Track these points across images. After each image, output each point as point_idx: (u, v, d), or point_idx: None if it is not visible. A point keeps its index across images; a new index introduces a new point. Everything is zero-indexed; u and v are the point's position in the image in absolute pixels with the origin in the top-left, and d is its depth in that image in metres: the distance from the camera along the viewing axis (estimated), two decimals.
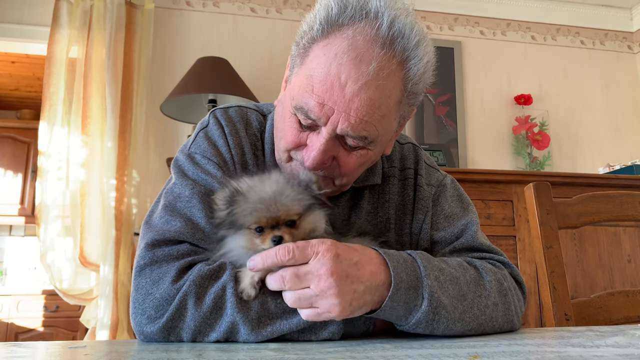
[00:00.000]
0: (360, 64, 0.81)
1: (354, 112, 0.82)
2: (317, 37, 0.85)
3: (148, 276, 0.81)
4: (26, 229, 5.03)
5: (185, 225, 0.85)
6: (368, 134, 0.85)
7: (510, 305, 0.88)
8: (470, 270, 0.85)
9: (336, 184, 0.94)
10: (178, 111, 2.96)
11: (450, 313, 0.77)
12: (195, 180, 0.91)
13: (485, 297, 0.83)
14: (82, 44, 3.01)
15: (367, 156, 0.91)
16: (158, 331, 0.77)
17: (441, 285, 0.78)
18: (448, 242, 0.99)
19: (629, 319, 1.28)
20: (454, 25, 3.67)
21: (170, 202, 0.89)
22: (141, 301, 0.79)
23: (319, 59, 0.84)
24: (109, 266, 2.78)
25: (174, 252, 0.82)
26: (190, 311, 0.77)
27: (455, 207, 1.04)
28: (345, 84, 0.81)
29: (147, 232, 0.87)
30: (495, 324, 0.84)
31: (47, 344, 0.83)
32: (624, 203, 1.35)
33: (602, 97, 3.76)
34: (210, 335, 0.77)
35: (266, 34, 3.38)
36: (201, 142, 0.97)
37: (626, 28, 3.92)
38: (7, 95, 5.24)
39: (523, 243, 2.68)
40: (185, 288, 0.77)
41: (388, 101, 0.85)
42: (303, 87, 0.86)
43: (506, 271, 0.93)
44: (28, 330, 4.17)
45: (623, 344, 0.67)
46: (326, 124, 0.84)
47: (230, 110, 1.01)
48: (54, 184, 2.88)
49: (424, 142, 3.39)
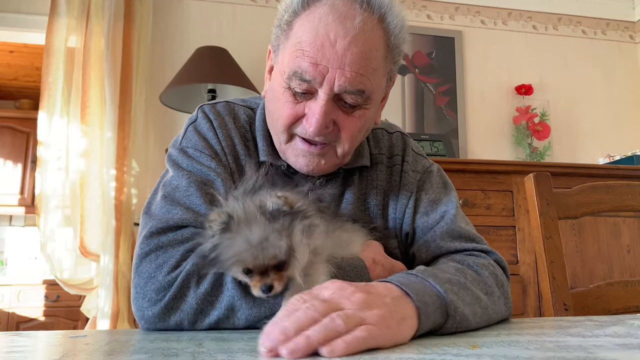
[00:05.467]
0: (345, 21, 0.85)
1: (348, 66, 0.85)
2: (298, 10, 0.89)
3: (153, 261, 0.82)
4: (26, 219, 5.03)
5: (187, 212, 0.87)
6: (365, 87, 0.88)
7: (508, 295, 0.90)
8: (468, 271, 0.85)
9: (339, 153, 0.95)
10: (177, 101, 2.95)
11: (470, 322, 0.75)
12: (191, 171, 0.92)
13: (491, 294, 0.84)
14: (81, 33, 2.99)
15: (365, 117, 0.93)
16: (159, 313, 0.78)
17: (457, 296, 0.75)
18: (429, 227, 1.00)
19: (628, 308, 1.29)
20: (455, 15, 3.65)
21: (169, 193, 0.90)
22: (143, 285, 0.81)
23: (304, 27, 0.88)
24: (109, 256, 2.78)
25: (178, 236, 0.84)
26: (192, 290, 0.78)
27: (439, 194, 1.05)
28: (335, 41, 0.85)
29: (148, 222, 0.88)
30: (500, 317, 0.85)
31: (48, 333, 0.84)
32: (624, 193, 1.35)
33: (603, 88, 3.75)
34: (211, 314, 0.78)
35: (266, 23, 3.35)
36: (191, 137, 0.98)
37: (628, 18, 3.89)
38: (5, 85, 5.22)
39: (523, 233, 2.69)
40: (188, 267, 0.79)
41: (377, 54, 0.89)
42: (293, 55, 0.88)
43: (491, 260, 0.94)
44: (29, 319, 4.18)
45: (622, 333, 0.68)
46: (322, 84, 0.87)
47: (218, 106, 1.04)
48: (54, 174, 2.88)
49: (424, 132, 3.38)
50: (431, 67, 3.50)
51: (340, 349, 0.55)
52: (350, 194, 1.02)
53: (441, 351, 0.57)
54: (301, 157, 0.94)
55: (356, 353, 0.56)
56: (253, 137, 1.03)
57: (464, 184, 2.66)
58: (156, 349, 0.61)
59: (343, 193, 1.03)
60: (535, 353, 0.55)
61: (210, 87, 2.88)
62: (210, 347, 0.61)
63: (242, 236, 0.72)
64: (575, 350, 0.55)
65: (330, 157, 0.95)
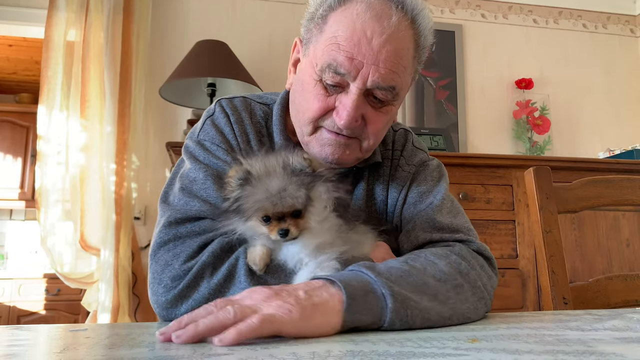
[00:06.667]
0: (382, 19, 0.88)
1: (382, 63, 0.88)
2: (334, 5, 0.92)
3: (171, 250, 0.86)
4: (26, 213, 5.04)
5: (204, 205, 0.90)
6: (396, 84, 0.91)
7: (477, 283, 0.86)
8: (420, 259, 0.82)
9: (363, 147, 0.97)
10: (177, 95, 2.94)
11: (419, 304, 0.72)
12: (208, 164, 0.95)
13: (444, 281, 0.81)
14: (80, 27, 2.98)
15: (391, 113, 0.97)
16: (172, 299, 0.82)
17: (395, 281, 0.73)
18: (413, 218, 1.00)
19: (627, 302, 1.29)
20: (455, 9, 3.64)
21: (187, 185, 0.94)
22: (160, 272, 0.85)
23: (341, 22, 0.90)
24: (110, 250, 2.79)
25: (196, 228, 0.88)
26: (206, 280, 0.82)
27: (431, 186, 1.05)
28: (372, 38, 0.87)
29: (166, 211, 0.92)
30: (469, 305, 0.81)
31: (49, 327, 0.84)
32: (624, 188, 1.35)
33: (604, 82, 3.74)
34: None
35: (266, 17, 3.35)
36: (209, 130, 1.01)
37: (629, 11, 3.88)
38: (5, 79, 5.21)
39: (522, 227, 2.69)
40: (204, 258, 0.83)
41: (408, 53, 0.93)
42: (328, 48, 0.90)
43: (470, 249, 0.93)
44: (30, 313, 4.20)
45: (621, 327, 0.68)
46: (355, 79, 0.89)
47: (235, 100, 1.06)
48: (54, 168, 2.88)
49: (424, 126, 3.38)
50: (431, 61, 3.49)
51: (230, 337, 0.57)
52: (360, 190, 1.05)
53: (441, 345, 0.57)
54: (327, 146, 0.95)
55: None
56: (269, 133, 1.05)
57: (464, 178, 2.66)
58: (157, 343, 0.61)
59: (353, 190, 1.05)
60: (534, 347, 0.55)
61: (210, 81, 2.87)
62: (211, 340, 0.61)
63: (262, 186, 0.77)
64: (574, 344, 0.55)
65: (355, 149, 0.97)
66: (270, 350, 0.55)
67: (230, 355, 0.52)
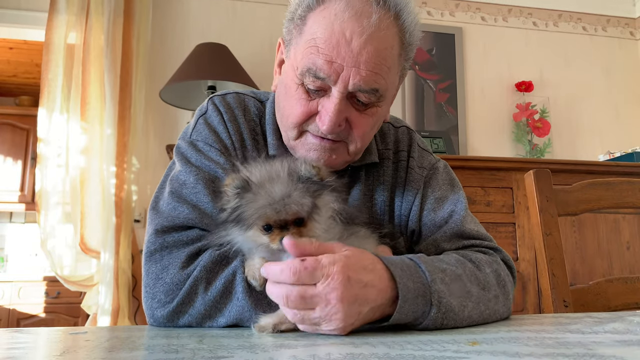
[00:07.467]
0: (362, 18, 0.83)
1: (364, 64, 0.84)
2: (312, 5, 0.88)
3: (158, 261, 0.82)
4: (27, 215, 5.04)
5: (193, 211, 0.86)
6: (379, 86, 0.87)
7: (509, 295, 0.89)
8: (468, 265, 0.84)
9: (350, 151, 0.94)
10: (177, 98, 2.94)
11: (458, 315, 0.75)
12: (199, 167, 0.91)
13: (487, 290, 0.82)
14: (80, 30, 2.98)
15: (377, 114, 0.93)
16: (168, 315, 0.79)
17: (447, 286, 0.75)
18: (437, 226, 0.99)
19: (627, 305, 1.29)
20: (455, 11, 3.64)
21: (176, 189, 0.89)
22: (152, 285, 0.81)
23: (319, 23, 0.86)
24: (110, 253, 2.78)
25: (184, 237, 0.84)
26: (200, 296, 0.79)
27: (445, 191, 1.03)
28: (351, 39, 0.83)
29: (155, 218, 0.87)
30: (497, 316, 0.84)
31: (49, 329, 0.84)
32: (624, 190, 1.35)
33: (603, 84, 3.75)
34: (218, 320, 0.78)
35: (265, 20, 3.35)
36: (202, 129, 0.97)
37: (628, 14, 3.89)
38: (5, 81, 5.21)
39: (522, 230, 2.69)
40: (196, 273, 0.79)
41: (392, 52, 0.88)
42: (307, 51, 0.86)
43: (498, 258, 0.93)
44: (30, 316, 4.19)
45: (621, 330, 0.68)
46: (336, 83, 0.85)
47: (228, 97, 1.02)
48: (54, 170, 2.88)
49: (424, 128, 3.38)
50: (431, 64, 3.49)
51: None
52: (357, 191, 1.01)
53: (441, 347, 0.57)
54: (313, 151, 0.92)
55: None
56: (262, 132, 1.01)
57: (464, 181, 2.63)
58: (156, 346, 0.61)
59: (349, 190, 1.01)
60: (534, 349, 0.55)
61: (210, 84, 2.87)
62: (211, 344, 0.61)
63: (264, 192, 0.72)
64: (574, 347, 0.55)
65: (341, 153, 0.94)
66: (270, 353, 0.55)
67: (229, 358, 0.52)
